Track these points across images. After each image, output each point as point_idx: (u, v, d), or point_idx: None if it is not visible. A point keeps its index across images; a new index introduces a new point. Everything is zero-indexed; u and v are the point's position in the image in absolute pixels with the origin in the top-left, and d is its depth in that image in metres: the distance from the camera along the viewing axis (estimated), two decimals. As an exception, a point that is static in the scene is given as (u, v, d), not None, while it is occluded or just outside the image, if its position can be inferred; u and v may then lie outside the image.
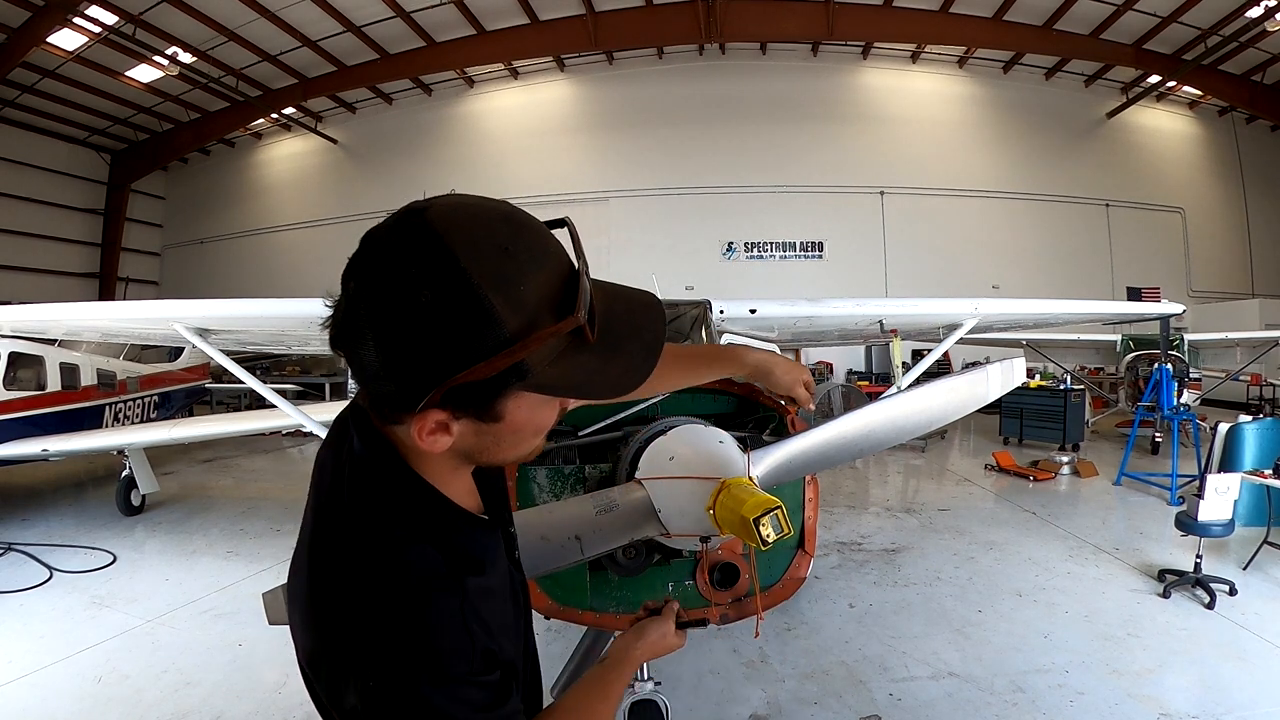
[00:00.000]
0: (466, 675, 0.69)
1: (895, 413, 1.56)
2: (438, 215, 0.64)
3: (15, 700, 3.51)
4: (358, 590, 0.70)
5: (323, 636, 0.71)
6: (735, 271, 17.76)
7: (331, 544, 0.74)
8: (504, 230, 0.66)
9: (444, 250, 0.62)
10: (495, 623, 0.76)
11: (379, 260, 0.65)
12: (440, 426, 0.68)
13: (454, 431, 0.69)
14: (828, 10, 15.73)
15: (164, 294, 21.71)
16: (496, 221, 0.67)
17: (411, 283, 0.62)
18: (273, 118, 19.98)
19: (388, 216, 0.67)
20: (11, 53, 14.65)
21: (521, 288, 0.64)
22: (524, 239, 0.67)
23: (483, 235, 0.64)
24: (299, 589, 0.75)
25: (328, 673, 0.70)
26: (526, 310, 0.64)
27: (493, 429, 0.71)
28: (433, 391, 0.64)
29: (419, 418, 0.67)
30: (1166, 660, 3.77)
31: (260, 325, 5.07)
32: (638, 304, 0.79)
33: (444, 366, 0.63)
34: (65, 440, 6.82)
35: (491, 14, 16.28)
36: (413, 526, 0.74)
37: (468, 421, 0.69)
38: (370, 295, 0.63)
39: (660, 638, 1.13)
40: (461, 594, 0.72)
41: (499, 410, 0.69)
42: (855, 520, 6.69)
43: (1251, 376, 12.71)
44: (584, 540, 1.36)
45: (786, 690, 3.50)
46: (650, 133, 18.36)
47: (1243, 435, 5.88)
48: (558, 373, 0.67)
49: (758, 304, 5.10)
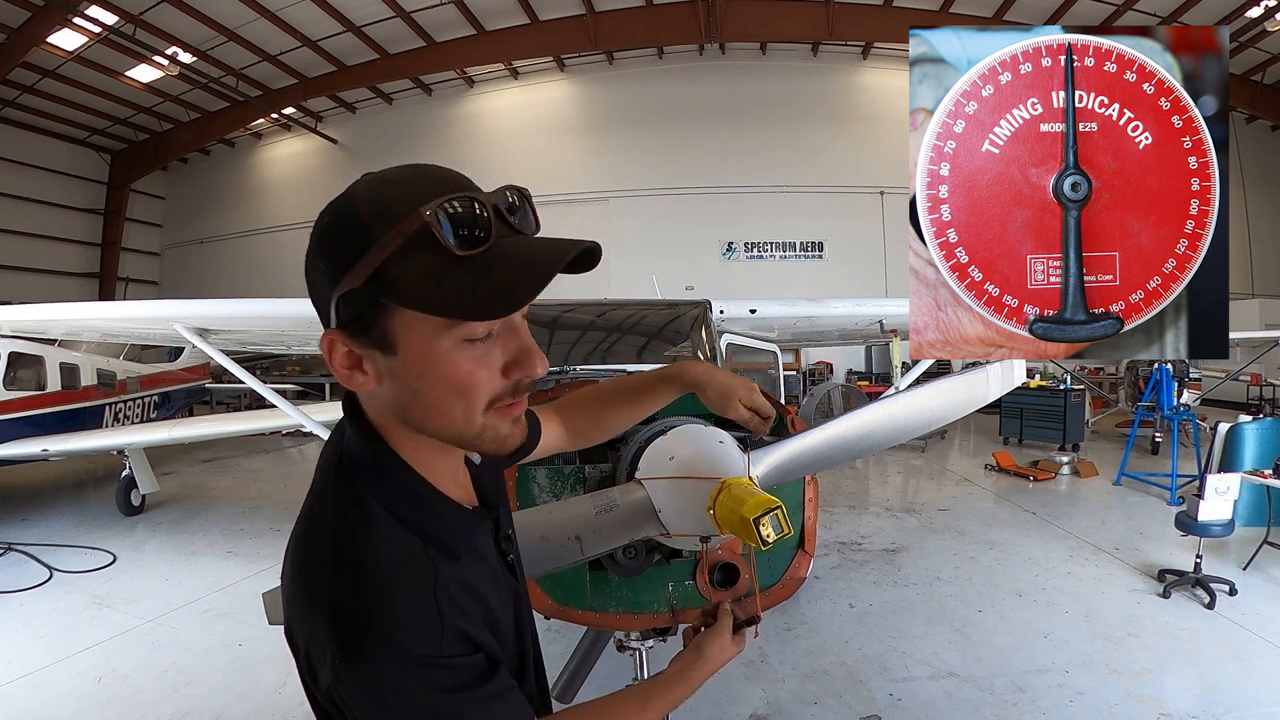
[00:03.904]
0: (433, 657, 0.69)
1: (895, 413, 1.56)
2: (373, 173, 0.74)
3: (15, 700, 3.51)
4: (331, 567, 0.71)
5: (300, 611, 0.73)
6: (735, 271, 17.75)
7: (314, 522, 0.76)
8: (406, 173, 0.72)
9: (352, 186, 0.72)
10: (478, 614, 0.76)
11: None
12: (351, 360, 0.72)
13: (368, 370, 0.72)
14: (828, 10, 15.74)
15: (164, 294, 21.69)
16: (406, 168, 0.73)
17: (322, 215, 0.72)
18: (273, 118, 19.97)
19: None
20: (11, 53, 14.64)
21: (395, 205, 0.67)
22: (421, 174, 0.72)
23: (384, 172, 0.73)
24: (285, 567, 0.78)
25: (306, 649, 0.72)
26: (387, 214, 0.67)
27: (399, 370, 0.71)
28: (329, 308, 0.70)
29: (325, 338, 0.71)
30: (1166, 660, 3.78)
31: (260, 325, 5.08)
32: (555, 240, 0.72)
33: (333, 280, 0.69)
34: (65, 440, 6.82)
35: (491, 14, 16.28)
36: (394, 509, 0.75)
37: (373, 356, 0.71)
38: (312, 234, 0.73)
39: (719, 651, 1.11)
40: (434, 577, 0.72)
41: (388, 334, 0.69)
42: (855, 520, 6.69)
43: (1251, 376, 12.71)
44: (584, 540, 1.36)
45: (786, 690, 3.50)
46: (650, 133, 18.35)
47: (1243, 435, 5.88)
48: (427, 288, 0.66)
49: (758, 304, 5.10)
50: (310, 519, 0.77)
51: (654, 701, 1.00)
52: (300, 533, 0.77)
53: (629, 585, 1.81)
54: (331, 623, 0.68)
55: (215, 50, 16.29)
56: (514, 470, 1.85)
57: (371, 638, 0.67)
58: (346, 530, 0.73)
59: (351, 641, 0.67)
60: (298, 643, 0.73)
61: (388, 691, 0.67)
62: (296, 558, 0.76)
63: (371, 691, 0.67)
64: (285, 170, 21.58)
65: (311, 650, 0.70)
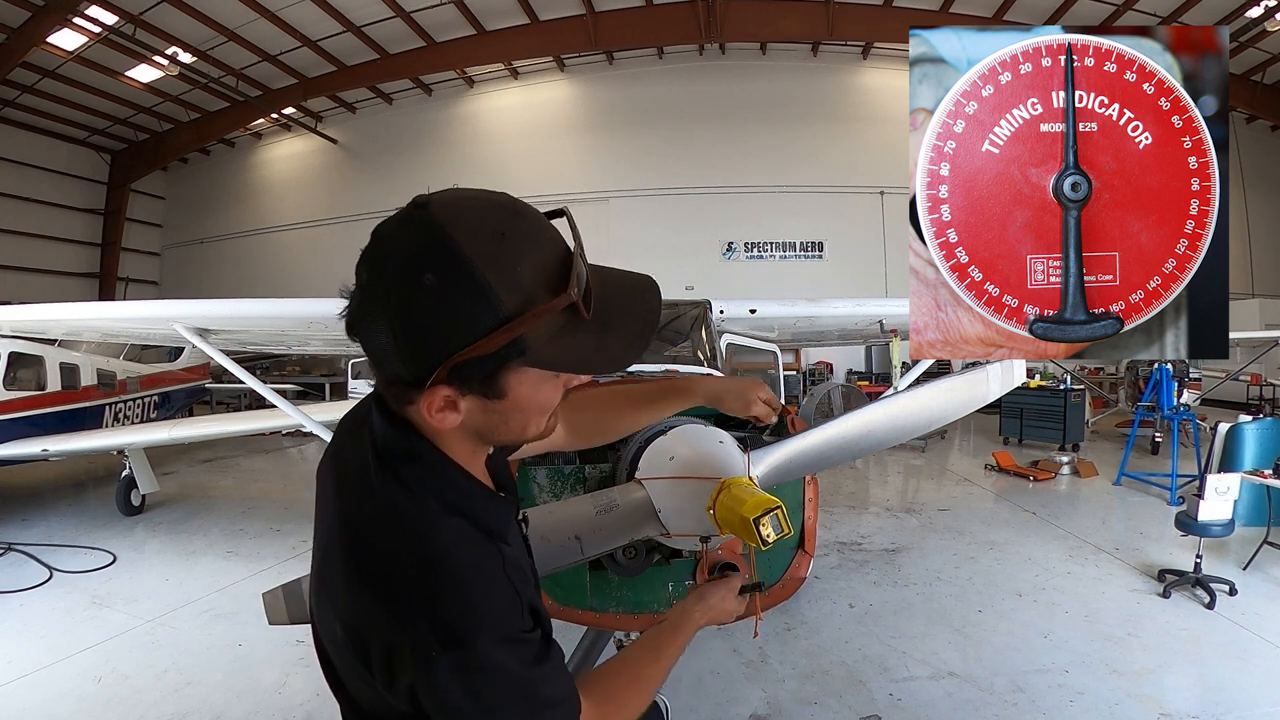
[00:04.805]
0: (520, 631, 0.74)
1: (895, 413, 1.56)
2: (439, 207, 0.70)
3: (15, 700, 3.51)
4: (402, 563, 0.73)
5: (371, 617, 0.73)
6: (735, 271, 17.75)
7: (366, 522, 0.77)
8: (500, 217, 0.72)
9: (445, 237, 0.68)
10: (533, 588, 0.82)
11: (387, 250, 0.70)
12: (448, 403, 0.73)
13: (462, 409, 0.73)
14: (828, 10, 15.74)
15: (164, 294, 21.67)
16: (493, 209, 0.73)
17: (417, 268, 0.67)
18: (273, 118, 19.97)
19: (396, 211, 0.73)
20: (11, 53, 14.64)
21: (517, 269, 0.69)
22: (519, 225, 0.72)
23: (480, 222, 0.70)
24: (333, 576, 0.77)
25: (379, 654, 0.72)
26: (523, 289, 0.69)
27: (499, 406, 0.75)
28: (439, 368, 0.68)
29: (428, 394, 0.71)
30: (1166, 660, 3.77)
31: (260, 325, 5.08)
32: (633, 285, 0.85)
33: (448, 343, 0.68)
34: (65, 440, 6.82)
35: (491, 14, 16.28)
36: (444, 499, 0.78)
37: (474, 399, 0.73)
38: (380, 282, 0.69)
39: (720, 600, 1.16)
40: (500, 557, 0.77)
41: (502, 386, 0.73)
42: (855, 520, 6.69)
43: (1251, 376, 12.71)
44: (584, 540, 1.36)
45: (786, 690, 3.50)
46: (650, 133, 18.35)
47: (1243, 435, 5.88)
48: (556, 349, 0.71)
49: (758, 304, 5.11)
50: (361, 518, 0.78)
51: (664, 649, 1.05)
52: (353, 534, 0.78)
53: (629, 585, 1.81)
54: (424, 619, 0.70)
55: (215, 50, 16.29)
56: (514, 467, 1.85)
57: (466, 624, 0.70)
58: (410, 525, 0.75)
59: (449, 632, 0.69)
60: (369, 647, 0.72)
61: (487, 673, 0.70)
62: (355, 559, 0.76)
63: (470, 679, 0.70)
64: (285, 170, 21.59)
65: (395, 652, 0.71)
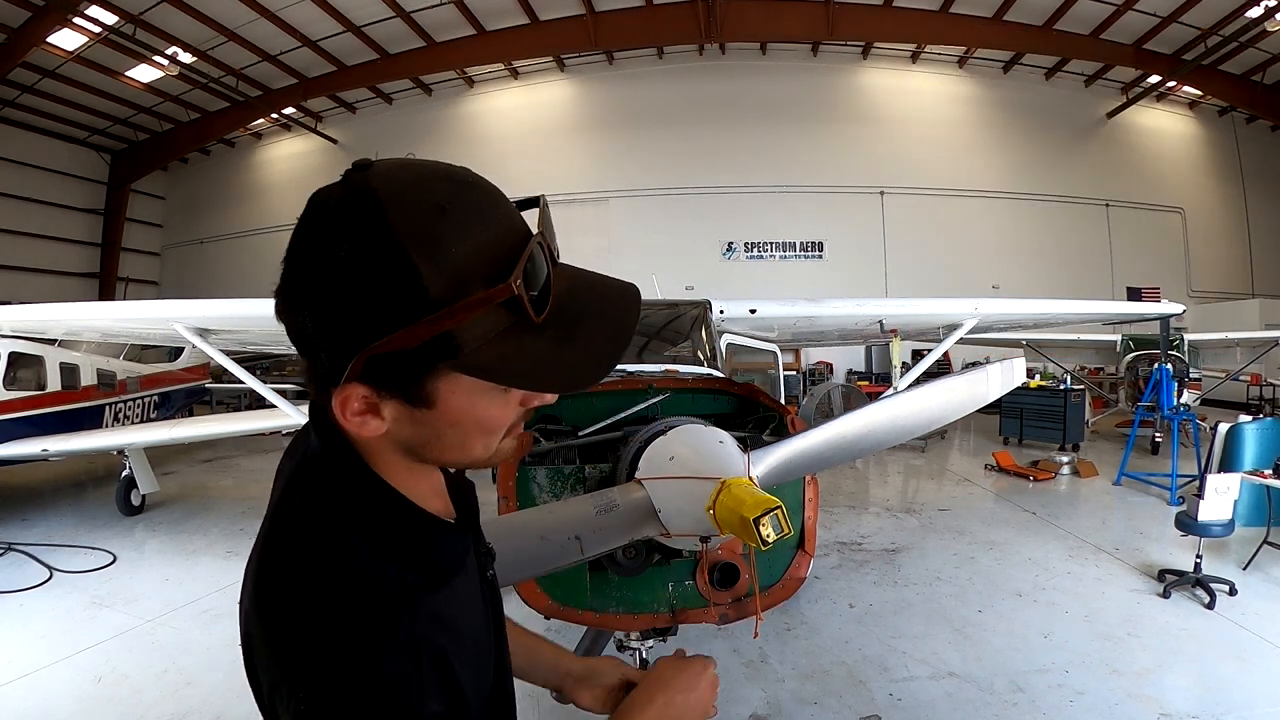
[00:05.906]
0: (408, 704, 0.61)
1: (895, 413, 1.57)
2: (377, 171, 0.60)
3: (15, 700, 3.51)
4: (302, 601, 0.63)
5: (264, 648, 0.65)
6: (735, 271, 17.76)
7: (280, 545, 0.68)
8: (446, 189, 0.60)
9: (372, 204, 0.57)
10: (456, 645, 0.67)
11: (311, 216, 0.60)
12: (368, 406, 0.61)
13: (385, 415, 0.62)
14: (828, 10, 15.74)
15: (164, 294, 21.70)
16: (440, 180, 0.61)
17: (334, 238, 0.57)
18: (273, 118, 19.98)
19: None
20: (11, 53, 14.65)
21: (454, 250, 0.57)
22: (467, 198, 0.61)
23: (420, 192, 0.59)
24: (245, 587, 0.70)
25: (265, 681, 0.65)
26: (458, 276, 0.57)
27: (427, 418, 0.64)
28: (352, 361, 0.58)
29: (340, 391, 0.60)
30: (1166, 660, 3.77)
31: (260, 325, 5.08)
32: (609, 290, 0.70)
33: (361, 331, 0.57)
34: (65, 440, 6.82)
35: (491, 14, 16.29)
36: (366, 531, 0.66)
37: (398, 405, 0.62)
38: (299, 253, 0.59)
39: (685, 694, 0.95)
40: (413, 615, 0.64)
41: (429, 392, 0.61)
42: (855, 520, 6.69)
43: (1251, 376, 12.71)
44: (584, 540, 1.36)
45: (786, 690, 3.50)
46: (650, 133, 18.36)
47: (1243, 435, 5.88)
48: (496, 354, 0.59)
49: (758, 304, 5.11)
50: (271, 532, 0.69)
51: None
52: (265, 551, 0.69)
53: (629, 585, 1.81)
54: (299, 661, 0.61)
55: (215, 50, 16.30)
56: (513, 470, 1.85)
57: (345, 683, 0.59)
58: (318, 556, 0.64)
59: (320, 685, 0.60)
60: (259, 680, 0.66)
61: None
62: (258, 589, 0.67)
63: None
64: (285, 170, 21.59)
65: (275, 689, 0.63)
